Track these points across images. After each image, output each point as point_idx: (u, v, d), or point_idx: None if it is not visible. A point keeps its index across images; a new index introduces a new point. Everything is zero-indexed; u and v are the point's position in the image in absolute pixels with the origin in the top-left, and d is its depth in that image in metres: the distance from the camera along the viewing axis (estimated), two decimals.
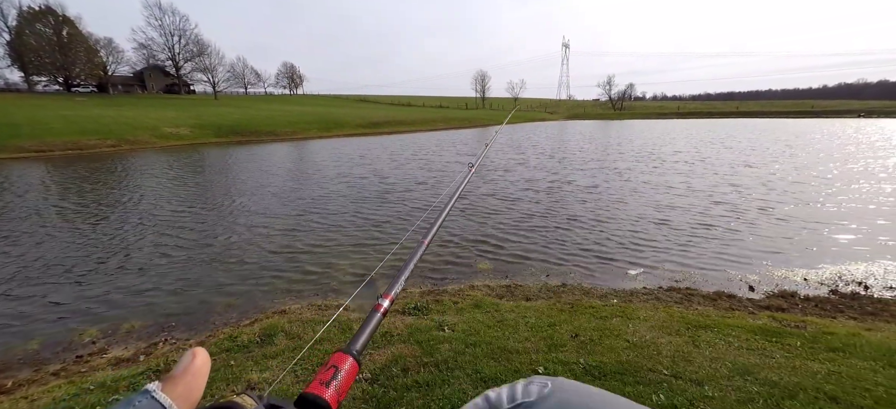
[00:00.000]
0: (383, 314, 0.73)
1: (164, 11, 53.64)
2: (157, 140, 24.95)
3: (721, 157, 16.59)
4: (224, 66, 62.30)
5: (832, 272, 5.21)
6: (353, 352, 0.57)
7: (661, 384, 2.49)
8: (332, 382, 0.50)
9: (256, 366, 2.94)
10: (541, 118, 66.27)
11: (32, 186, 11.82)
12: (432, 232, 1.19)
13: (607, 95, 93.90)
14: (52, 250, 6.33)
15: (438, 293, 4.57)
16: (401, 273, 0.87)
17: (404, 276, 0.87)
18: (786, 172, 12.76)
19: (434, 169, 14.78)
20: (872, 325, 3.65)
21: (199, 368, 0.36)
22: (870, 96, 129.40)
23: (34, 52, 44.39)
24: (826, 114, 65.17)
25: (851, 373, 2.59)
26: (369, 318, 0.69)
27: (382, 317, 0.72)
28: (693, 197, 9.41)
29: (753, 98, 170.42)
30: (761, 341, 3.09)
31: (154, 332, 4.02)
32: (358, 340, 0.61)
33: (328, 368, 0.53)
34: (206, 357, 0.37)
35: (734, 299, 4.45)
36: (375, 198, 9.90)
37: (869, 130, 30.64)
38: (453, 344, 3.08)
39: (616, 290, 4.72)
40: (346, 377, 0.52)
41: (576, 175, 12.78)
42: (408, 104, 76.72)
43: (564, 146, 22.31)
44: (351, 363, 0.54)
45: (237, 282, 5.16)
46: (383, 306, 0.74)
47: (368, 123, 39.28)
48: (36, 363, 3.54)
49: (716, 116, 67.75)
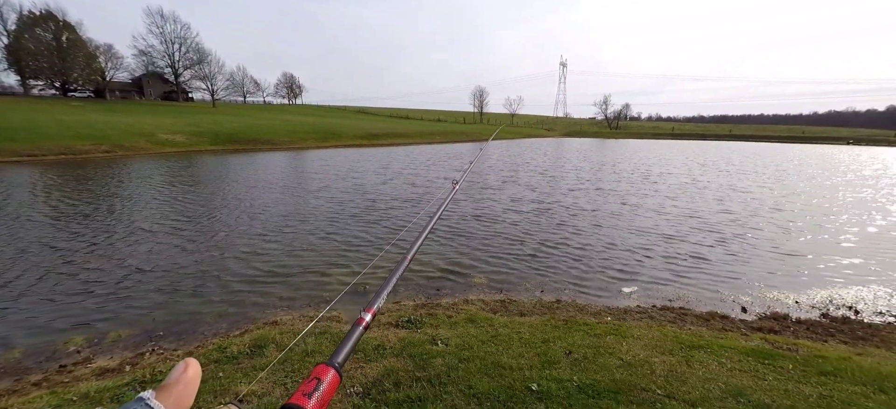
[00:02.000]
0: (365, 328, 0.75)
1: (166, 19, 53.98)
2: (153, 147, 24.84)
3: (716, 180, 16.81)
4: (223, 74, 62.45)
5: (823, 296, 5.25)
6: (335, 364, 0.60)
7: (655, 403, 2.47)
8: (315, 393, 0.53)
9: (245, 378, 2.89)
10: (538, 135, 66.97)
11: (21, 188, 11.67)
12: (415, 247, 1.21)
13: (603, 113, 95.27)
14: (36, 256, 6.22)
15: (432, 307, 4.54)
16: (383, 287, 0.90)
17: (387, 290, 0.90)
18: (781, 196, 12.95)
19: (419, 185, 14.80)
20: (863, 350, 3.67)
21: (191, 378, 0.38)
22: (858, 124, 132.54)
23: (32, 56, 44.27)
24: (816, 140, 66.54)
25: (843, 397, 2.59)
26: (351, 331, 0.72)
27: (364, 330, 0.75)
28: (688, 218, 9.50)
29: (746, 122, 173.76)
30: (754, 362, 3.10)
31: (141, 341, 3.93)
32: (340, 353, 0.64)
33: (311, 380, 0.55)
34: (197, 368, 0.39)
35: (727, 319, 4.47)
36: (383, 204, 9.90)
37: (863, 159, 31.29)
38: (446, 359, 3.05)
39: (610, 307, 4.72)
40: (327, 389, 0.55)
41: (571, 193, 12.87)
42: (406, 117, 77.33)
43: (562, 165, 22.50)
44: (333, 375, 0.57)
45: (227, 292, 5.09)
46: (365, 319, 0.76)
47: (366, 134, 39.45)
48: (17, 372, 3.44)
49: (710, 138, 68.89)
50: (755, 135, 76.75)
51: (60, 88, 49.17)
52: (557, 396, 2.56)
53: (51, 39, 45.87)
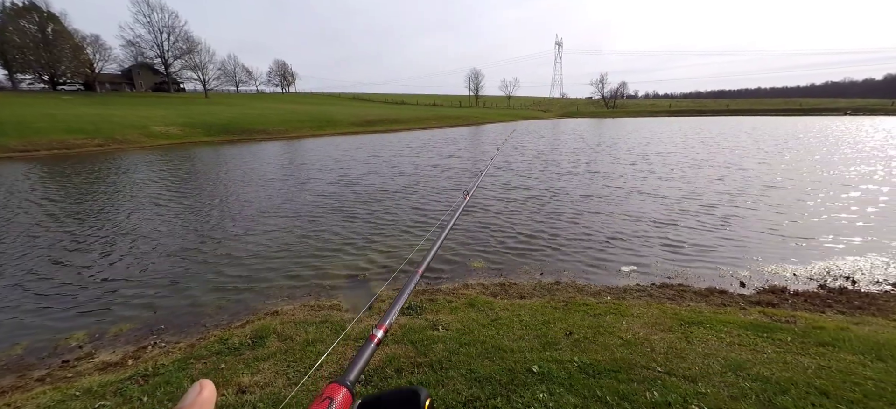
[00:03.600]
0: (377, 345, 0.74)
1: (153, 8, 52.68)
2: (146, 139, 24.57)
3: (714, 158, 16.78)
4: (215, 63, 61.42)
5: (820, 268, 5.28)
6: (347, 383, 0.58)
7: (655, 381, 2.49)
8: None
9: (247, 369, 2.90)
10: (534, 116, 66.48)
11: (15, 184, 11.56)
12: (426, 261, 1.21)
13: (600, 93, 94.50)
14: (36, 251, 6.19)
15: (433, 292, 4.55)
16: (395, 303, 0.89)
17: (398, 306, 0.89)
18: (775, 169, 12.94)
19: (408, 173, 14.72)
20: (860, 319, 3.70)
21: (206, 399, 0.39)
22: (855, 94, 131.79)
23: (18, 50, 43.30)
24: (814, 112, 66.31)
25: (841, 367, 2.62)
26: (364, 348, 0.70)
27: (376, 347, 0.73)
28: (684, 194, 9.50)
29: (743, 96, 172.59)
30: (753, 336, 3.12)
31: (143, 335, 3.94)
32: (352, 370, 0.63)
33: (323, 399, 0.54)
34: (212, 389, 0.39)
35: (726, 295, 4.49)
36: (394, 191, 9.85)
37: (862, 133, 31.15)
38: (447, 344, 3.07)
39: (609, 287, 4.74)
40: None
41: (567, 176, 12.83)
42: (402, 102, 76.53)
43: (558, 147, 22.39)
44: (344, 393, 0.56)
45: (228, 283, 5.09)
46: (378, 336, 0.75)
47: (362, 121, 39.09)
48: (20, 368, 3.45)
49: (707, 114, 68.56)
50: (752, 109, 76.40)
51: (49, 82, 48.26)
52: (558, 377, 2.58)
53: (36, 31, 44.80)
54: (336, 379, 0.58)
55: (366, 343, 0.72)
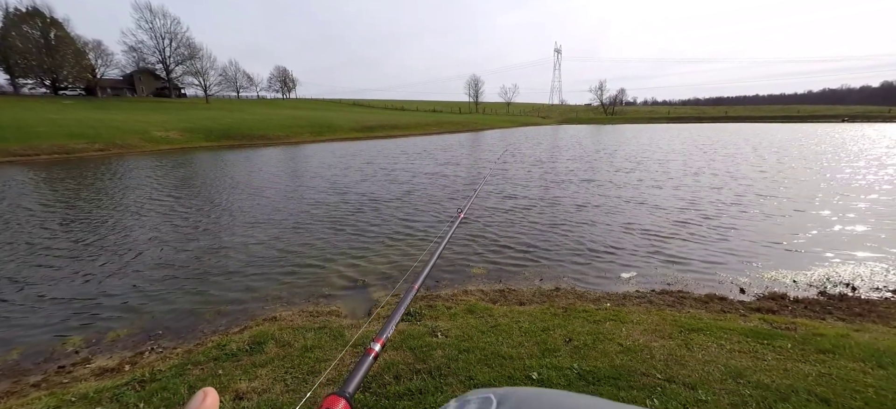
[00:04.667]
0: (375, 358, 0.76)
1: (155, 14, 53.05)
2: (147, 144, 24.62)
3: (713, 165, 16.82)
4: (216, 69, 61.66)
5: (820, 274, 5.27)
6: (346, 395, 0.60)
7: (655, 388, 2.48)
8: None
9: (245, 375, 2.88)
10: (534, 123, 66.71)
11: (14, 188, 11.55)
12: (422, 277, 1.25)
13: (599, 99, 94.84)
14: (32, 256, 6.17)
15: (432, 298, 4.53)
16: (392, 317, 0.92)
17: (396, 320, 0.92)
18: (774, 177, 12.96)
19: (404, 181, 14.74)
20: (860, 326, 3.69)
21: (209, 408, 0.39)
22: (853, 101, 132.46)
23: (20, 54, 43.52)
24: (811, 118, 66.56)
25: (842, 374, 2.60)
26: (362, 361, 0.73)
27: (374, 360, 0.76)
28: (684, 202, 9.50)
29: (741, 103, 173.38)
30: (753, 343, 3.10)
31: (140, 340, 3.92)
32: (351, 382, 0.65)
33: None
34: (216, 397, 0.40)
35: (725, 301, 4.48)
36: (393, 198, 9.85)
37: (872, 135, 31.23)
38: (446, 350, 3.05)
39: (609, 293, 4.72)
40: None
41: (568, 180, 12.85)
42: (401, 108, 76.80)
43: (556, 156, 22.44)
44: (343, 405, 0.57)
45: (226, 289, 5.07)
46: (375, 349, 0.78)
47: (361, 127, 39.21)
48: (15, 374, 3.42)
49: (706, 121, 68.80)
50: (751, 116, 76.69)
51: (51, 86, 48.44)
52: (558, 384, 2.56)
53: (39, 37, 45.07)
54: (336, 391, 0.59)
55: (364, 356, 0.74)
